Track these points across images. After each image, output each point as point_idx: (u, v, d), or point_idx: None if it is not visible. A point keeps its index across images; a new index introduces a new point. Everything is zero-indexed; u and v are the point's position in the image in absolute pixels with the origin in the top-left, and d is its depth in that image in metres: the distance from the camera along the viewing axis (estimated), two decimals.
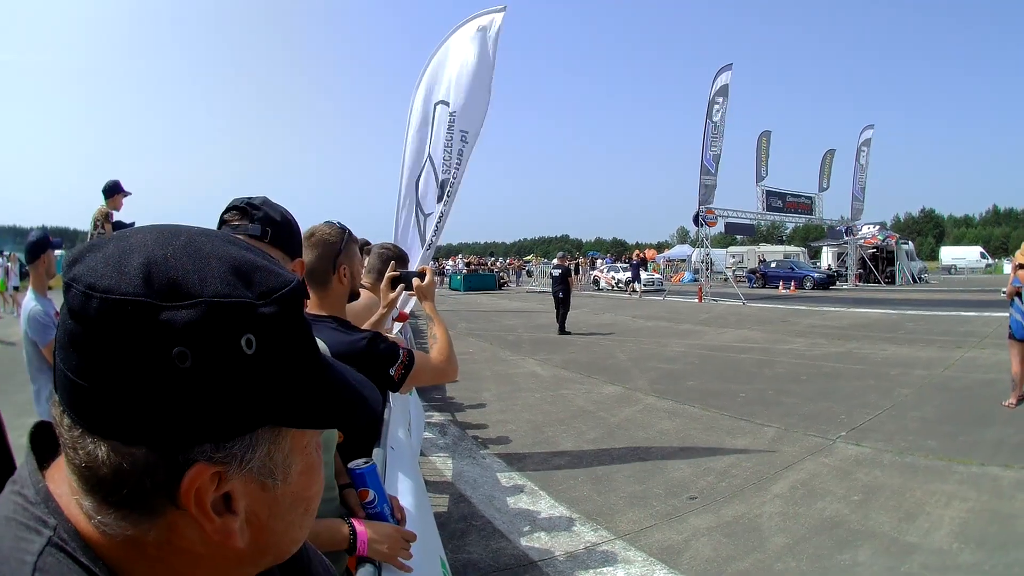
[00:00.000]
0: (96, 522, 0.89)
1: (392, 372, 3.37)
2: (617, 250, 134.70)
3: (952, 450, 8.96)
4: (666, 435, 10.12)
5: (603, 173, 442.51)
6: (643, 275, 48.70)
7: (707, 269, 44.15)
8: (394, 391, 3.56)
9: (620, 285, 51.49)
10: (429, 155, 12.24)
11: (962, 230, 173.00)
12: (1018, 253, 10.96)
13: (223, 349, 0.86)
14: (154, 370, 0.82)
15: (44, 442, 0.99)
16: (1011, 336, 11.03)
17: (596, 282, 56.91)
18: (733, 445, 9.51)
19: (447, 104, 12.11)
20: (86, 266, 0.87)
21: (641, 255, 50.64)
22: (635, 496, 7.67)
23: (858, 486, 7.78)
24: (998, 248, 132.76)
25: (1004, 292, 11.72)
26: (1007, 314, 12.09)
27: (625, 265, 54.62)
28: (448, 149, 11.87)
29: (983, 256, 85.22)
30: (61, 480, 0.93)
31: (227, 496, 0.92)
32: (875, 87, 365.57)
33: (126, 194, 9.84)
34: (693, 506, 7.29)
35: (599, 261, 72.92)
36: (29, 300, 5.98)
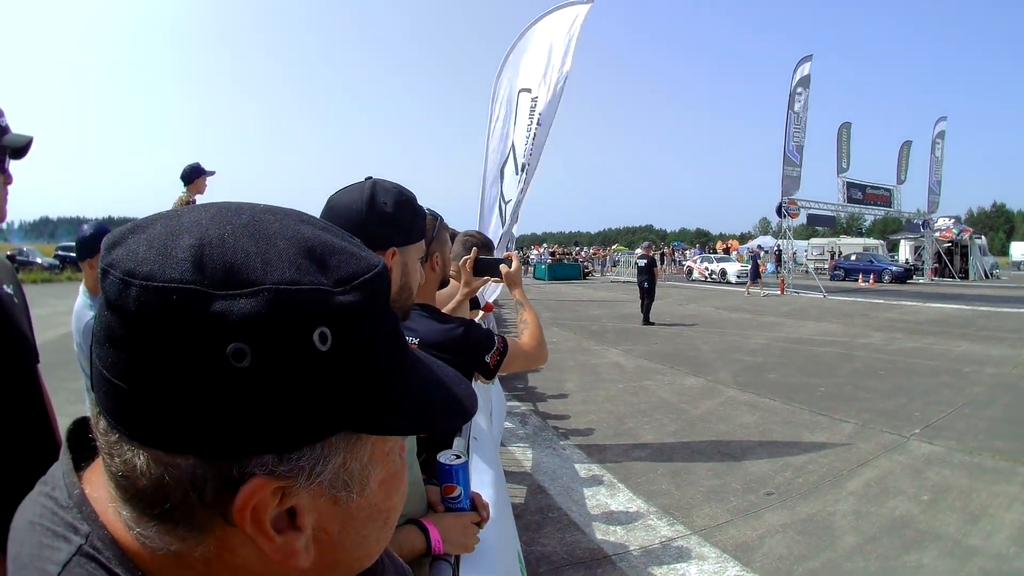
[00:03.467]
0: (136, 533, 0.79)
1: (488, 359, 3.32)
2: (701, 240, 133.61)
3: (1018, 451, 8.82)
4: (746, 429, 10.14)
5: (688, 164, 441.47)
6: (732, 267, 48.31)
7: (790, 260, 43.63)
8: (489, 379, 3.48)
9: (714, 276, 50.31)
10: (513, 143, 12.27)
11: None
12: None
13: (290, 345, 0.75)
14: (204, 370, 0.72)
15: (84, 439, 0.89)
16: None
17: (689, 272, 55.43)
18: (811, 440, 9.49)
19: (529, 91, 12.08)
20: (127, 249, 0.77)
21: (760, 247, 48.77)
22: (713, 491, 7.66)
23: (928, 485, 7.73)
24: None
25: None
26: None
27: (720, 255, 53.63)
28: (528, 135, 11.86)
29: None
30: (99, 483, 0.84)
31: (291, 511, 0.82)
32: (949, 77, 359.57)
33: (209, 174, 8.97)
34: (769, 502, 7.29)
35: (688, 252, 72.59)
36: (82, 301, 5.30)
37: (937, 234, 55.06)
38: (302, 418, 0.77)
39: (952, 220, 58.26)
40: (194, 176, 8.76)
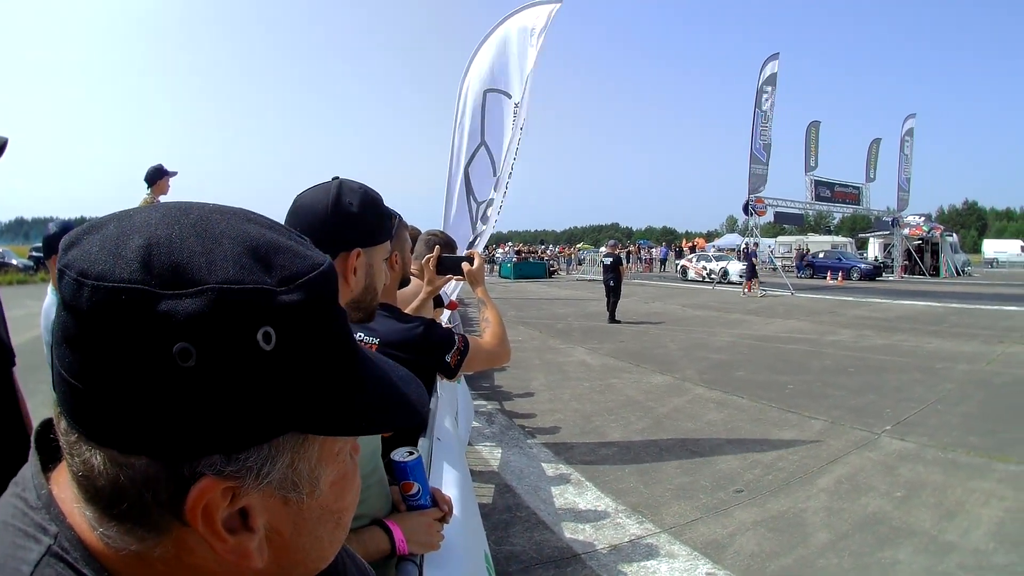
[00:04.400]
0: (99, 534, 0.80)
1: (448, 359, 3.33)
2: (667, 238, 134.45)
3: (992, 447, 8.89)
4: (714, 426, 10.13)
5: (654, 162, 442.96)
6: (734, 266, 45.78)
7: (761, 257, 44.04)
8: (450, 378, 3.51)
9: (712, 276, 46.64)
10: (484, 142, 12.16)
11: (1004, 223, 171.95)
12: None
13: (234, 345, 0.76)
14: (152, 370, 0.73)
15: (52, 441, 0.88)
16: None
17: (684, 272, 52.33)
18: (780, 437, 9.51)
19: (508, 95, 12.07)
20: (81, 249, 0.78)
21: (756, 244, 48.00)
22: (682, 488, 7.65)
23: (901, 482, 7.74)
24: None
25: None
26: None
27: (719, 253, 51.95)
28: (508, 139, 11.78)
29: (1023, 251, 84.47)
30: (65, 484, 0.85)
31: (243, 511, 0.83)
32: (920, 76, 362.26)
33: (172, 175, 8.84)
34: (739, 499, 7.28)
35: (657, 249, 72.64)
36: (50, 300, 5.43)
37: (907, 232, 55.77)
38: (248, 418, 0.78)
39: (922, 218, 59.06)
40: (157, 177, 8.71)
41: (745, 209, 41.08)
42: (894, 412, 10.64)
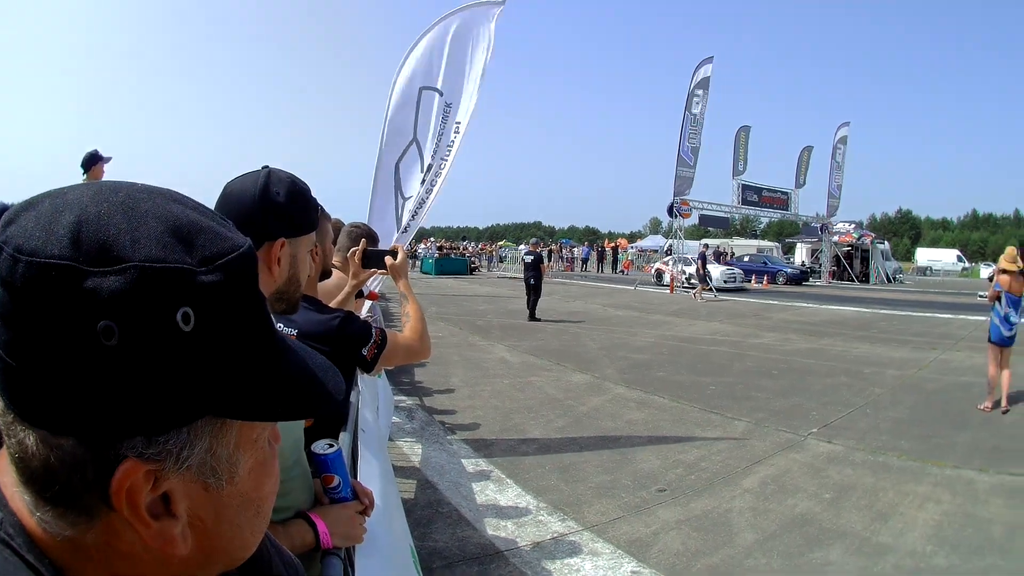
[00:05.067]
0: (37, 518, 0.80)
1: (365, 352, 3.31)
2: (590, 238, 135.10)
3: (926, 452, 9.01)
4: (635, 425, 10.10)
5: (578, 161, 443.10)
6: (716, 271, 42.22)
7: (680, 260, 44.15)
8: (367, 372, 3.54)
9: (693, 281, 39.52)
10: (416, 139, 12.08)
11: (939, 232, 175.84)
12: (1002, 258, 11.11)
13: (155, 324, 0.74)
14: (78, 347, 0.72)
15: None
16: (989, 339, 11.23)
17: (659, 276, 46.36)
18: (703, 438, 9.51)
19: (440, 93, 12.01)
20: (19, 226, 0.77)
21: (707, 246, 46.90)
22: (603, 487, 7.64)
23: (829, 484, 7.80)
24: (975, 252, 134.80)
25: (985, 295, 11.84)
26: (984, 318, 12.09)
27: (700, 256, 49.92)
28: (440, 137, 11.79)
29: (960, 259, 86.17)
30: (5, 468, 0.83)
31: (166, 497, 0.81)
32: (856, 87, 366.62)
33: (106, 160, 8.96)
34: (662, 498, 7.26)
35: (578, 248, 72.82)
36: None
37: (836, 238, 56.93)
38: (167, 400, 0.78)
39: (852, 225, 60.48)
40: (92, 163, 8.85)
41: (670, 211, 41.49)
42: (820, 415, 10.74)
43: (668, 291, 37.08)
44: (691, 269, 41.14)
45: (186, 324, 0.76)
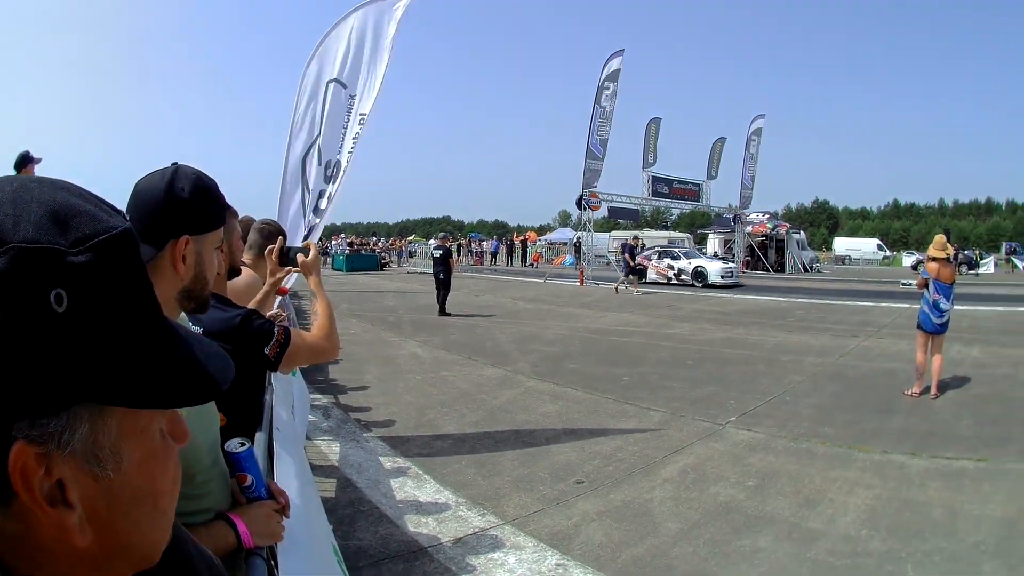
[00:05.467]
0: None
1: (267, 351, 3.35)
2: (499, 232, 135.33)
3: (851, 438, 9.09)
4: (549, 418, 10.05)
5: (488, 154, 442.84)
6: (713, 265, 39.67)
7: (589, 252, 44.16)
8: (272, 370, 3.59)
9: (683, 278, 38.82)
10: (321, 133, 12.03)
11: (858, 222, 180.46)
12: (931, 247, 11.27)
13: (29, 304, 0.75)
14: None
15: None
16: (918, 326, 11.47)
17: (642, 273, 39.05)
18: (618, 428, 9.48)
19: (344, 85, 12.02)
20: None
21: (637, 238, 45.94)
22: (521, 480, 7.60)
23: (752, 471, 7.80)
24: (897, 241, 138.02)
25: (910, 283, 12.02)
26: (906, 305, 12.24)
27: (687, 249, 44.03)
28: (344, 130, 11.90)
29: (881, 248, 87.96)
30: None
31: (61, 485, 0.80)
32: (774, 81, 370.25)
33: (37, 162, 8.93)
34: (580, 490, 7.21)
35: (517, 242, 72.91)
36: None
37: (750, 228, 57.83)
38: (43, 382, 0.78)
39: (767, 215, 61.47)
40: (24, 164, 8.85)
41: (578, 204, 41.35)
42: (738, 403, 10.78)
43: (578, 283, 37.14)
44: (679, 264, 40.15)
45: (59, 305, 0.76)
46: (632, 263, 33.66)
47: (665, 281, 39.72)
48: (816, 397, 11.30)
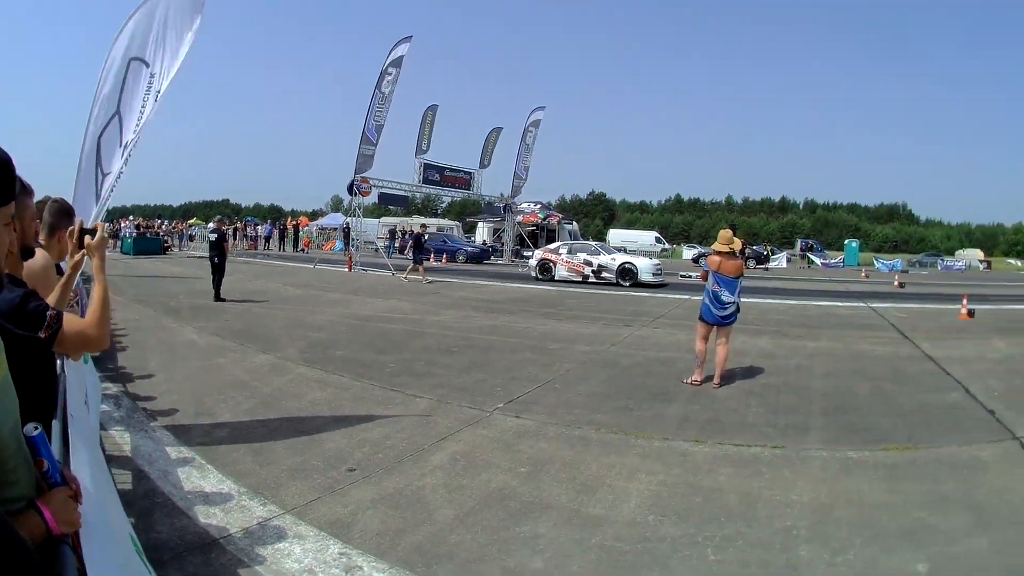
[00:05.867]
0: None
1: (41, 333, 3.21)
2: (273, 216, 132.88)
3: (628, 425, 9.22)
4: (318, 405, 9.91)
5: (267, 137, 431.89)
6: (643, 262, 34.78)
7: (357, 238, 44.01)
8: (47, 353, 3.42)
9: (605, 275, 32.99)
10: (119, 111, 11.71)
11: (636, 215, 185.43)
12: (717, 241, 11.80)
13: None
14: None
15: None
16: (700, 317, 11.76)
17: (545, 269, 34.87)
18: (386, 415, 9.37)
19: (147, 64, 11.71)
20: None
21: (424, 226, 45.15)
22: (295, 468, 7.47)
23: (523, 458, 7.82)
24: (678, 235, 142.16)
25: (690, 275, 12.41)
26: (684, 296, 12.64)
27: (603, 245, 37.11)
28: (143, 109, 11.59)
29: (659, 240, 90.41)
30: None
31: None
32: (556, 75, 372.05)
33: None
34: (353, 478, 7.14)
35: (290, 226, 71.79)
36: None
37: (520, 218, 58.56)
38: None
39: (538, 205, 62.50)
40: None
41: (350, 189, 40.93)
42: (505, 391, 10.81)
43: (347, 269, 36.86)
44: (599, 259, 34.29)
45: None
46: (421, 252, 32.57)
47: (580, 279, 34.25)
48: (587, 385, 11.47)
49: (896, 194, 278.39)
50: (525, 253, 41.97)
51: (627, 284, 32.82)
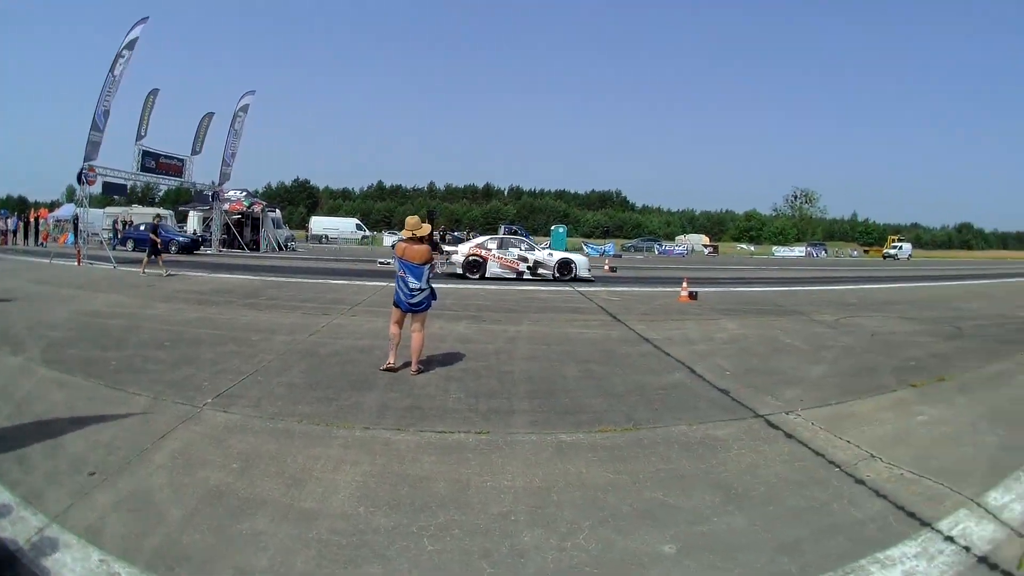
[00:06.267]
0: None
1: None
2: (19, 208, 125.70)
3: (329, 415, 9.32)
4: (58, 407, 9.58)
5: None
6: (581, 259, 36.51)
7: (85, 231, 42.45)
8: None
9: (541, 272, 34.00)
10: None
11: (339, 202, 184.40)
12: (406, 226, 12.01)
13: None
14: None
15: None
16: (394, 303, 11.95)
17: (475, 266, 34.06)
18: (114, 415, 9.22)
19: None
20: None
21: (159, 216, 42.93)
22: (51, 474, 7.19)
23: (234, 453, 7.89)
24: (380, 221, 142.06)
25: (387, 262, 12.69)
26: (382, 283, 12.88)
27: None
28: None
29: (360, 227, 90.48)
30: None
31: None
32: (263, 57, 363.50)
33: None
34: (95, 482, 6.98)
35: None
36: None
37: (227, 206, 58.10)
38: None
39: (243, 193, 61.96)
40: None
41: (79, 178, 39.40)
42: (212, 384, 10.88)
43: (76, 263, 35.46)
44: (536, 255, 34.61)
45: None
46: (157, 243, 31.35)
47: (515, 276, 33.86)
48: (288, 375, 11.59)
49: (610, 183, 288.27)
50: (447, 249, 35.93)
51: (568, 278, 33.50)
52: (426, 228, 12.08)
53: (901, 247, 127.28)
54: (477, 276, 33.36)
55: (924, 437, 9.14)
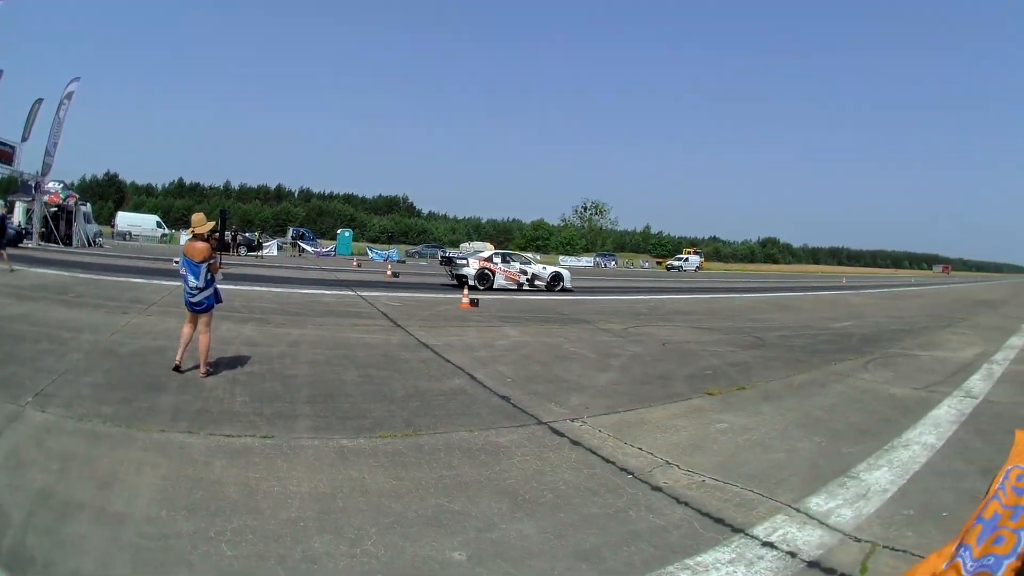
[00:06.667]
0: None
1: None
2: None
3: (129, 416, 9.23)
4: None
5: None
6: (567, 272, 41.75)
7: None
8: None
9: (537, 283, 39.99)
10: None
11: (143, 198, 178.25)
12: (192, 224, 12.14)
13: None
14: None
15: None
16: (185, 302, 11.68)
17: (485, 278, 38.55)
18: None
19: None
20: None
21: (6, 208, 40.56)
22: None
23: (53, 454, 7.84)
24: (179, 219, 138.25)
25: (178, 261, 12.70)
26: (176, 283, 13.03)
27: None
28: None
29: (160, 225, 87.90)
30: None
31: None
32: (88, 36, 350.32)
33: None
34: None
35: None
36: None
37: (47, 198, 55.57)
38: None
39: (61, 185, 59.55)
40: None
41: None
42: (32, 382, 10.74)
43: None
44: (532, 269, 40.48)
45: None
46: (3, 237, 30.08)
47: (516, 287, 38.86)
48: (93, 375, 11.50)
49: (398, 188, 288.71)
50: (455, 259, 40.81)
51: (559, 288, 39.46)
52: (208, 226, 11.97)
53: (687, 259, 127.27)
54: (487, 287, 37.54)
55: (727, 444, 9.34)
